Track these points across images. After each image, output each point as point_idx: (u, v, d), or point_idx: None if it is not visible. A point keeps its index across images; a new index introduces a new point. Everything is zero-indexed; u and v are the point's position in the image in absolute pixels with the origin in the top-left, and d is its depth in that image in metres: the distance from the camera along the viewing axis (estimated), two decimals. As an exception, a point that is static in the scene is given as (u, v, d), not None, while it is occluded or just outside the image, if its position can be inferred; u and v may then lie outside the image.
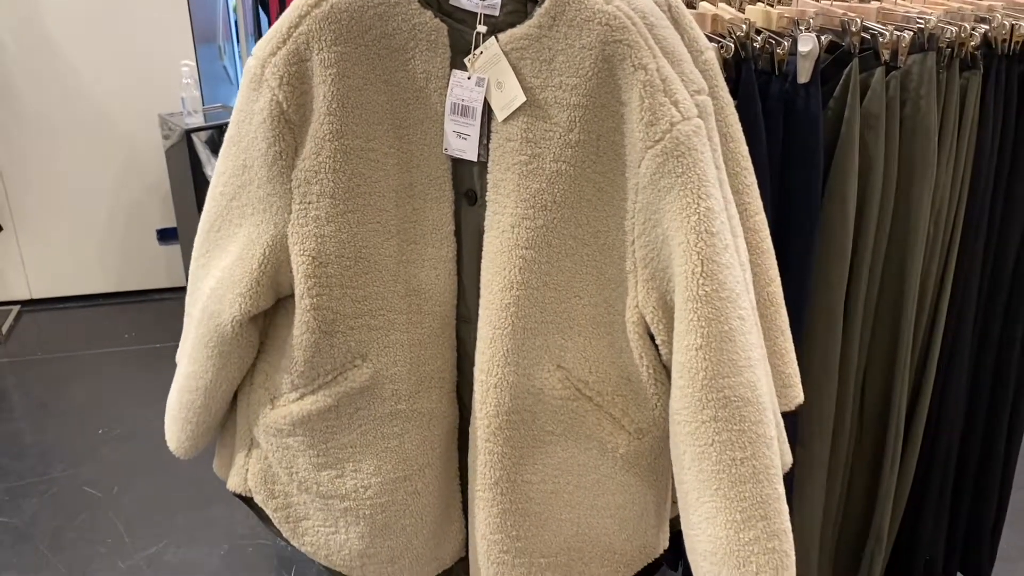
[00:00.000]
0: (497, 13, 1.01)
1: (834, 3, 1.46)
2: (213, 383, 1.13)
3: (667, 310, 1.03)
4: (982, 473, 1.67)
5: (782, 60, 1.29)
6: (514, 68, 1.00)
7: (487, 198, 1.05)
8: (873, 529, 1.59)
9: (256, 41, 3.75)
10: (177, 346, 1.24)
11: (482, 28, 1.01)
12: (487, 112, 1.02)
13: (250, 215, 1.07)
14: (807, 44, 1.26)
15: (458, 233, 1.09)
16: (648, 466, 1.13)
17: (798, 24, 1.31)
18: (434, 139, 1.05)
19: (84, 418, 2.73)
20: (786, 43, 1.28)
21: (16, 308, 3.37)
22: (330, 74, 1.00)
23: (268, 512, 1.21)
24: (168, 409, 1.23)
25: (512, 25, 1.00)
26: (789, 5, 1.51)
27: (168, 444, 1.24)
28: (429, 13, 1.00)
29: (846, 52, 1.34)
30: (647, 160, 0.97)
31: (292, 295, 1.09)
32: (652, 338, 1.06)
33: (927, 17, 1.36)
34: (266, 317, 1.13)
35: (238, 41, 4.17)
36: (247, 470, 1.20)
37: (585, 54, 0.97)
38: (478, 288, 1.08)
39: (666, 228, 0.99)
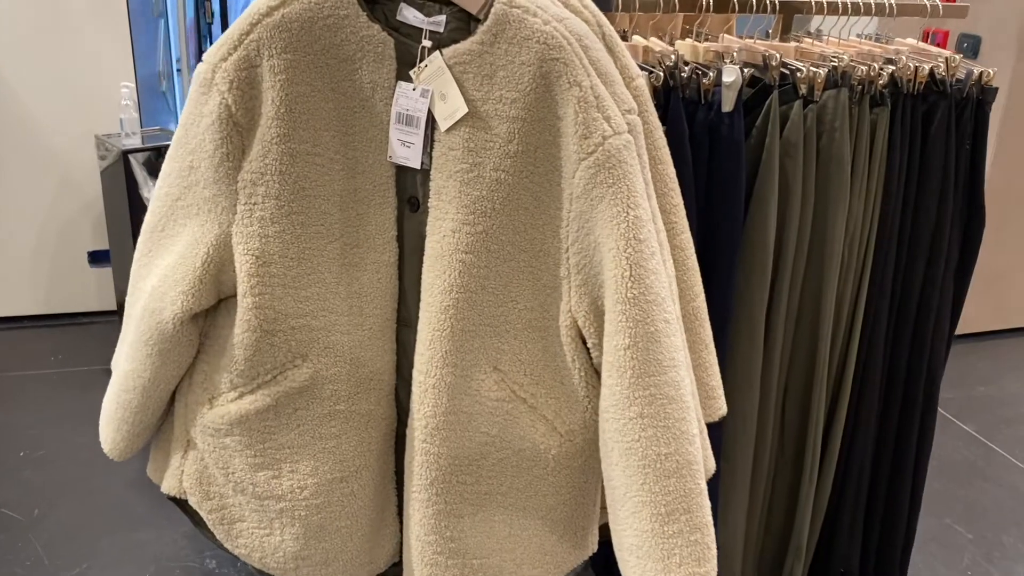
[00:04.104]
0: (442, 30, 1.07)
1: (757, 41, 1.55)
2: (151, 382, 1.14)
3: (598, 314, 1.08)
4: (892, 490, 1.75)
5: (708, 90, 1.38)
6: (457, 81, 1.05)
7: (429, 204, 1.09)
8: (793, 542, 1.66)
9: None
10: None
11: (427, 43, 1.06)
12: (430, 122, 1.07)
13: (195, 215, 1.09)
14: (731, 75, 1.35)
15: (400, 239, 1.13)
16: (579, 468, 1.17)
17: (723, 57, 1.40)
18: (379, 147, 1.09)
19: (5, 440, 2.65)
20: (712, 74, 1.37)
21: (-64, 329, 3.27)
22: (279, 80, 1.04)
23: (203, 514, 1.21)
24: (104, 410, 1.23)
25: (456, 41, 1.06)
26: (715, 41, 1.61)
27: (102, 446, 1.23)
28: (377, 27, 1.05)
29: (767, 85, 1.43)
30: (580, 171, 1.03)
31: (234, 295, 1.11)
32: (584, 342, 1.11)
33: (841, 56, 1.47)
34: (207, 317, 1.15)
35: (179, 71, 4.18)
36: (183, 471, 1.21)
37: (524, 70, 1.03)
38: (418, 293, 1.12)
39: (598, 235, 1.04)
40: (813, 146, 1.45)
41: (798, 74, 1.41)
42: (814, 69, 1.42)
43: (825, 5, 1.51)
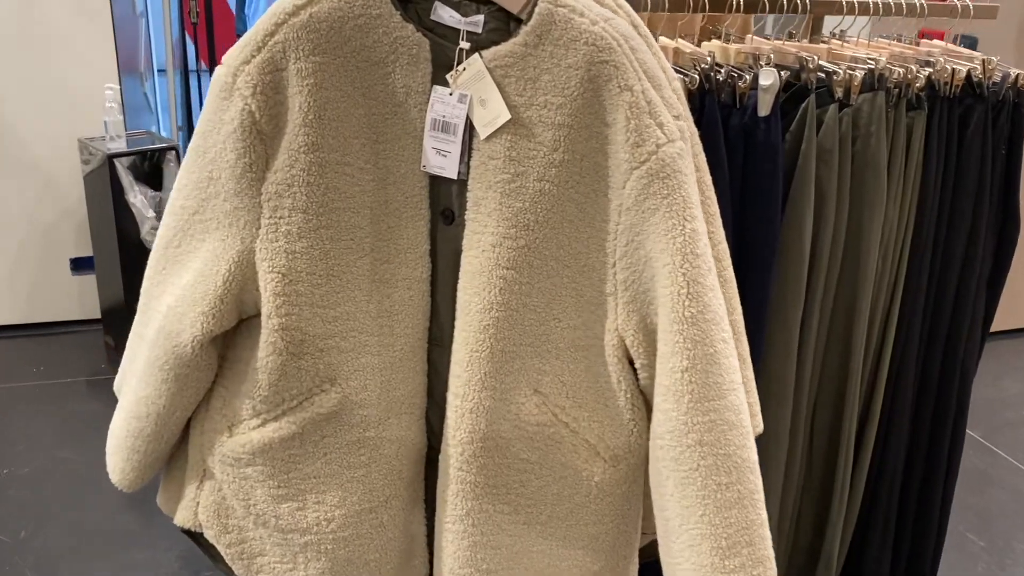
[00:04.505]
0: (480, 31, 1.00)
1: (786, 42, 1.50)
2: (167, 409, 1.07)
3: (648, 333, 1.02)
4: (924, 499, 1.71)
5: (743, 93, 1.32)
6: (498, 85, 0.98)
7: (466, 217, 1.02)
8: (824, 553, 1.61)
9: (182, 74, 3.67)
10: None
11: (465, 44, 0.99)
12: (468, 129, 1.01)
13: (214, 229, 1.01)
14: (768, 78, 1.29)
15: (433, 253, 1.06)
16: (623, 494, 1.11)
17: (757, 59, 1.34)
18: (412, 155, 1.02)
19: (-13, 457, 2.54)
20: (748, 77, 1.31)
21: (-89, 340, 3.15)
22: (307, 84, 0.97)
23: (220, 548, 1.13)
24: (111, 438, 1.15)
25: (494, 43, 0.99)
26: (742, 42, 1.55)
27: (111, 476, 1.15)
28: (411, 27, 0.98)
29: (802, 88, 1.38)
30: (632, 181, 0.97)
31: (256, 315, 1.04)
32: (631, 362, 1.05)
33: (876, 58, 1.42)
34: (225, 338, 1.07)
35: (160, 72, 4.07)
36: (198, 503, 1.13)
37: (571, 73, 0.96)
38: (452, 310, 1.05)
39: (649, 250, 0.98)
40: (848, 151, 1.40)
41: (834, 77, 1.36)
42: (850, 72, 1.37)
43: (856, 5, 1.46)
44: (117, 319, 3.08)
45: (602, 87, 0.96)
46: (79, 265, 3.23)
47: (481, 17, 0.99)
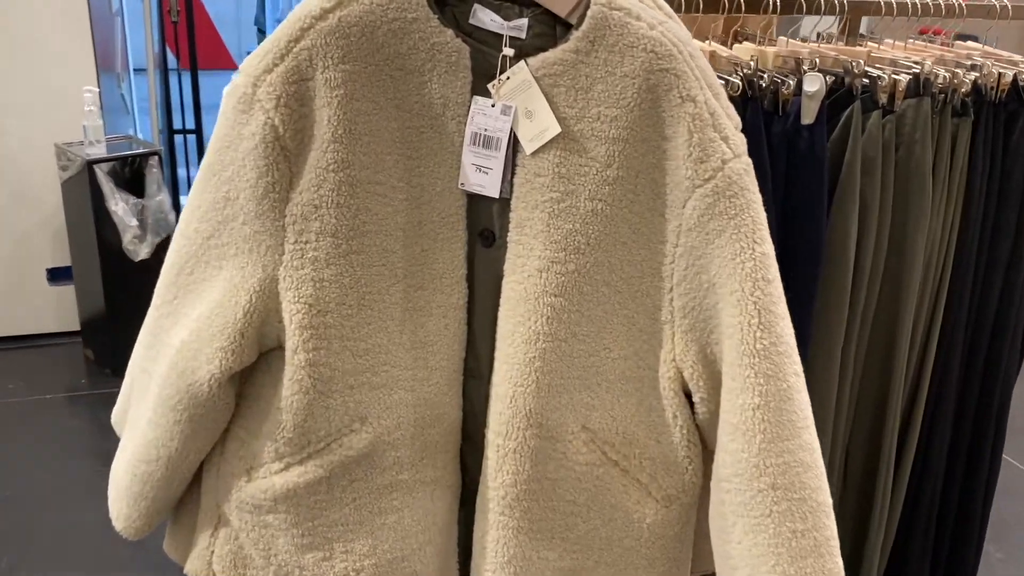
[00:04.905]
0: (524, 36, 0.91)
1: (822, 46, 1.42)
2: (179, 452, 0.97)
3: (708, 364, 0.94)
4: (963, 511, 1.65)
5: (786, 100, 1.24)
6: (547, 96, 0.89)
7: (509, 239, 0.93)
8: (864, 566, 1.55)
9: (161, 72, 3.54)
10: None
11: (509, 51, 0.91)
12: (512, 144, 0.92)
13: (232, 256, 0.92)
14: (814, 84, 1.22)
15: (470, 278, 0.97)
16: (675, 536, 1.02)
17: (799, 63, 1.27)
18: (448, 172, 0.93)
19: (-37, 481, 2.42)
20: (791, 82, 1.23)
21: None
22: (336, 96, 0.87)
23: (236, 601, 1.04)
24: (114, 483, 1.05)
25: (540, 49, 0.90)
26: (773, 45, 1.47)
27: (115, 523, 1.05)
28: (450, 32, 0.89)
29: (845, 94, 1.30)
30: (695, 200, 0.89)
31: (277, 348, 0.94)
32: (687, 395, 0.97)
33: (920, 62, 1.35)
34: (242, 373, 0.97)
35: (136, 72, 3.93)
36: (212, 552, 1.03)
37: (627, 83, 0.88)
38: (491, 339, 0.97)
39: (714, 275, 0.90)
40: (891, 160, 1.33)
41: (879, 82, 1.28)
42: (895, 76, 1.29)
43: (895, 6, 1.39)
44: (97, 331, 2.97)
45: (661, 97, 0.88)
46: (56, 275, 3.10)
47: (525, 21, 0.90)
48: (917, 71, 1.31)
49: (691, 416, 0.97)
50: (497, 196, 0.93)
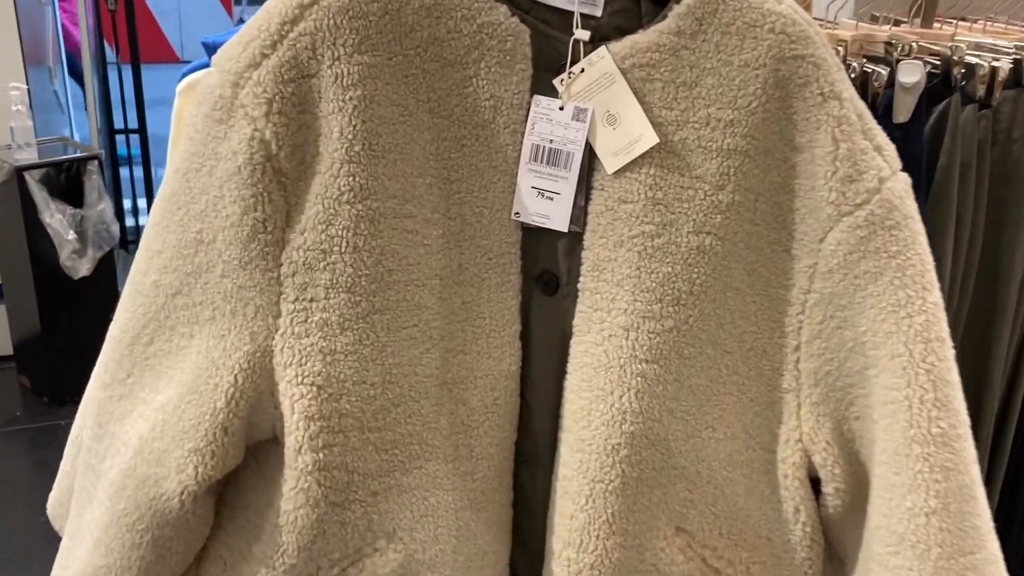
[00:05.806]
0: (599, 13, 0.67)
1: (898, 28, 1.21)
2: (139, 585, 0.71)
3: (845, 445, 0.72)
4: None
5: (876, 94, 1.03)
6: (637, 94, 0.66)
7: (581, 285, 0.70)
8: None
9: (98, 66, 3.22)
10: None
11: (582, 34, 0.67)
12: (588, 160, 0.68)
13: (208, 320, 0.67)
14: (912, 75, 1.01)
15: (524, 336, 0.73)
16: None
17: (889, 48, 1.05)
18: (499, 199, 0.69)
19: None
20: (883, 73, 1.01)
21: None
22: (351, 99, 0.63)
23: None
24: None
25: (624, 31, 0.67)
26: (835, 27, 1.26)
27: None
28: (503, 9, 0.65)
29: (938, 85, 1.09)
30: (839, 232, 0.67)
31: (270, 440, 0.70)
32: (813, 482, 0.75)
33: (1018, 46, 1.14)
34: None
35: (71, 70, 3.60)
36: None
37: (748, 75, 0.65)
38: (551, 415, 0.74)
39: (863, 331, 0.68)
40: (987, 161, 1.13)
41: (978, 71, 1.07)
42: (995, 64, 1.08)
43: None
44: (32, 356, 2.70)
45: (794, 94, 0.66)
46: (-16, 295, 2.80)
47: (601, -7, 0.67)
48: (1019, 57, 1.10)
49: (815, 509, 0.75)
50: (565, 230, 0.70)
